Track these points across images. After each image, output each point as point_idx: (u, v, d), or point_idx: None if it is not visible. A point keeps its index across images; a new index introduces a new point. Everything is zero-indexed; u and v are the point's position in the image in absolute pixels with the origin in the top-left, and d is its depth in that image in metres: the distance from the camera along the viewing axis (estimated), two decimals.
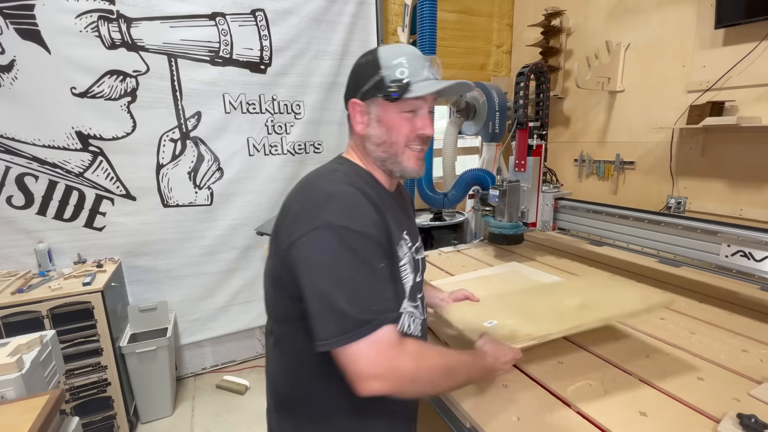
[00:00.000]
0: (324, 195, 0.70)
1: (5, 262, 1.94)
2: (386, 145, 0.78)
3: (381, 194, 0.80)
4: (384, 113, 0.77)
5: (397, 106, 0.76)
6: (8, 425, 0.91)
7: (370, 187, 0.78)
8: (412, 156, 0.79)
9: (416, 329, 0.85)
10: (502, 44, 3.19)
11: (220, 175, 2.30)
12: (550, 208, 1.82)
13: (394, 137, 0.77)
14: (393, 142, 0.78)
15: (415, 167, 0.80)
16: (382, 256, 0.70)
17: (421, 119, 0.78)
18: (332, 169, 0.79)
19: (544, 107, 1.87)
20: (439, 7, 2.31)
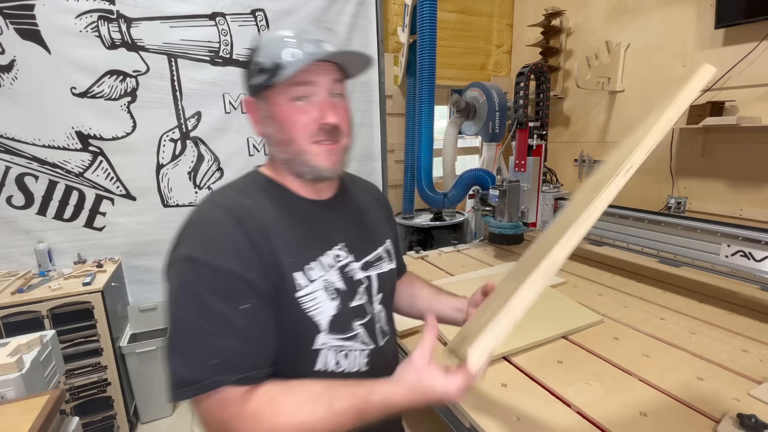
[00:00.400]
0: (191, 220, 0.62)
1: (5, 262, 1.94)
2: (284, 144, 0.66)
3: (292, 208, 0.68)
4: (272, 107, 0.65)
5: (282, 95, 0.63)
6: (8, 425, 0.91)
7: (271, 201, 0.66)
8: (320, 152, 0.65)
9: (355, 364, 0.69)
10: (502, 44, 3.19)
11: (220, 175, 2.30)
12: (550, 208, 1.82)
13: (289, 133, 0.64)
14: (290, 140, 0.65)
15: (326, 164, 0.66)
16: (245, 294, 0.57)
17: (318, 106, 0.64)
18: (229, 186, 0.69)
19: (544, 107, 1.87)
20: (439, 7, 2.31)
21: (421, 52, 2.34)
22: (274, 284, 0.61)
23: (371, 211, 0.82)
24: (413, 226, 2.55)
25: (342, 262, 0.70)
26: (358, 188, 0.84)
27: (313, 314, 0.64)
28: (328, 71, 0.65)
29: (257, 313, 0.59)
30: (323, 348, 0.67)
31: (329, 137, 0.65)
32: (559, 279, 1.51)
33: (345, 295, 0.69)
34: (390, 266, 0.80)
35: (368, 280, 0.74)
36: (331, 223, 0.72)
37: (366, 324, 0.72)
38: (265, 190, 0.68)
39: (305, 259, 0.65)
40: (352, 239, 0.73)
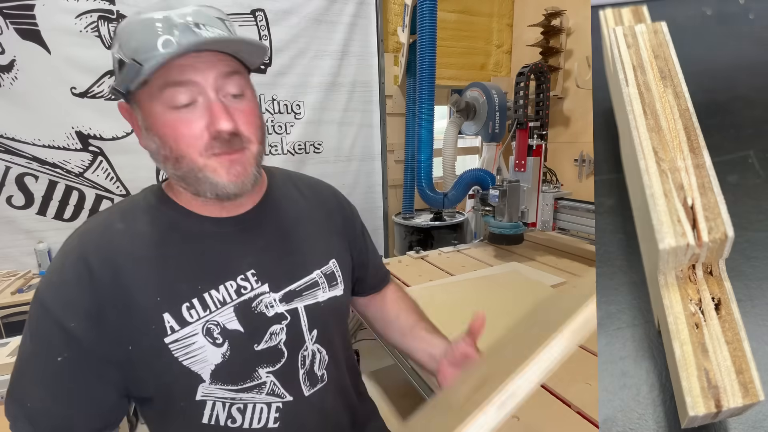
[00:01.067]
0: (65, 241, 0.56)
1: (5, 262, 1.94)
2: (171, 160, 0.51)
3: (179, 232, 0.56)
4: (148, 115, 0.51)
5: (157, 100, 0.49)
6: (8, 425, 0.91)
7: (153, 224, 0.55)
8: (219, 165, 0.51)
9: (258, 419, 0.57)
10: (502, 44, 3.19)
11: None
12: (550, 208, 1.82)
13: (175, 148, 0.50)
14: (179, 156, 0.50)
15: (230, 179, 0.52)
16: (60, 345, 0.49)
17: (205, 110, 0.49)
18: (119, 203, 0.61)
19: (544, 107, 1.87)
20: (439, 7, 2.31)
21: (421, 52, 2.34)
22: (119, 333, 0.50)
23: (311, 223, 0.66)
24: (413, 226, 2.55)
25: (247, 295, 0.56)
26: (298, 193, 0.69)
27: (188, 363, 0.52)
28: (213, 65, 0.49)
29: (73, 370, 0.50)
30: (208, 399, 0.55)
31: (228, 147, 0.51)
32: (559, 279, 1.51)
33: (242, 338, 0.55)
34: (329, 294, 0.64)
35: (293, 314, 0.60)
36: (237, 245, 0.58)
37: (279, 371, 0.58)
38: (152, 210, 0.57)
39: (183, 296, 0.53)
40: (268, 264, 0.59)
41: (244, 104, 0.53)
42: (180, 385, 0.54)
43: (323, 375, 0.64)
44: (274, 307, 0.58)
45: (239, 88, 0.52)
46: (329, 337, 0.65)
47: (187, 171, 0.52)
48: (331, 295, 0.65)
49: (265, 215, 0.62)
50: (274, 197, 0.65)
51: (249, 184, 0.54)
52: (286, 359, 0.59)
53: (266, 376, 0.58)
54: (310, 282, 0.63)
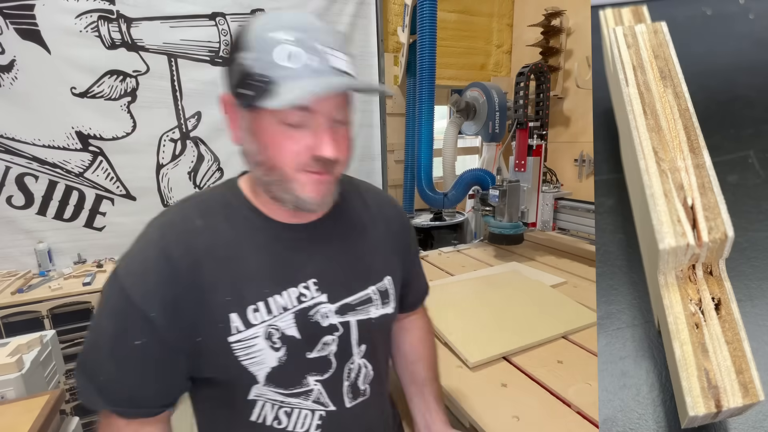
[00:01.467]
0: (142, 231, 0.58)
1: (5, 262, 1.94)
2: (266, 167, 0.53)
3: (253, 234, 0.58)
4: (256, 122, 0.51)
5: (271, 115, 0.49)
6: (8, 425, 0.91)
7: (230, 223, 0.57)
8: (308, 182, 0.52)
9: (302, 424, 0.59)
10: (502, 44, 3.19)
11: (220, 175, 2.30)
12: (550, 208, 1.82)
13: (273, 159, 0.51)
14: (274, 166, 0.52)
15: (313, 197, 0.53)
16: (140, 330, 0.52)
17: (314, 134, 0.51)
18: (194, 197, 0.61)
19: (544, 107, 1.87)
20: (439, 7, 2.31)
21: (421, 52, 2.34)
22: (192, 324, 0.53)
23: (372, 238, 0.67)
24: (413, 226, 2.55)
25: (306, 304, 0.57)
26: (363, 205, 0.69)
27: (246, 364, 0.54)
28: (333, 97, 0.51)
29: (148, 354, 0.53)
30: (259, 400, 0.57)
31: (323, 169, 0.52)
32: (559, 279, 1.51)
33: (298, 344, 0.57)
34: (381, 311, 0.65)
35: (345, 327, 0.61)
36: (304, 252, 0.59)
37: (327, 380, 0.60)
38: (229, 208, 0.58)
39: (249, 299, 0.54)
40: (330, 275, 0.60)
41: (344, 131, 0.55)
42: (235, 383, 0.56)
43: (366, 389, 0.64)
44: (329, 318, 0.59)
45: (345, 116, 0.54)
46: (376, 353, 0.66)
47: (276, 179, 0.53)
48: (383, 312, 0.65)
49: (332, 225, 0.63)
50: (341, 208, 0.64)
51: (330, 202, 0.57)
52: (334, 370, 0.60)
53: (314, 384, 0.59)
54: (365, 297, 0.63)
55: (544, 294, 1.36)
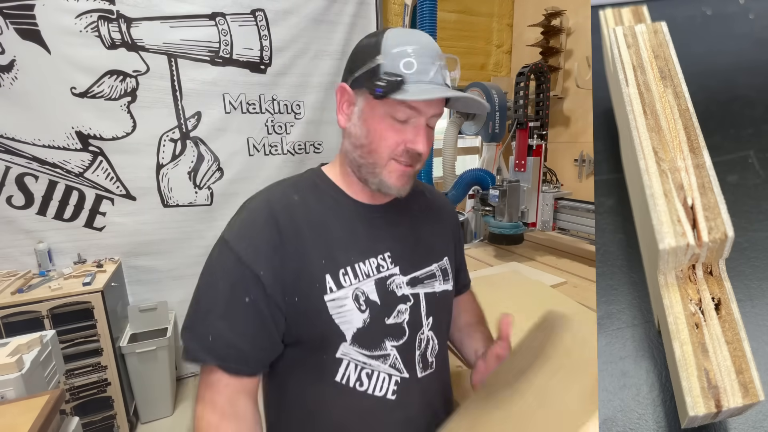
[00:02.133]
0: (242, 207, 0.66)
1: (5, 262, 1.94)
2: (364, 150, 0.63)
3: (339, 209, 0.66)
4: (369, 110, 0.62)
5: (385, 107, 0.60)
6: (8, 425, 0.91)
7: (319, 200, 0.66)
8: (395, 170, 0.63)
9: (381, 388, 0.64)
10: (502, 44, 3.20)
11: (220, 175, 2.30)
12: (550, 208, 1.82)
13: (375, 143, 0.62)
14: (373, 150, 0.62)
15: (396, 184, 0.63)
16: (250, 288, 0.58)
17: (414, 130, 0.61)
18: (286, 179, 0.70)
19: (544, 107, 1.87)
20: (439, 7, 2.31)
21: None
22: (293, 284, 0.60)
23: (432, 224, 0.77)
24: None
25: (383, 273, 0.65)
26: (424, 197, 0.79)
27: (339, 322, 0.61)
28: (436, 104, 0.62)
29: (257, 310, 0.59)
30: (345, 358, 0.62)
31: (410, 161, 0.63)
32: (559, 279, 1.51)
33: (379, 309, 0.64)
34: (443, 287, 0.73)
35: (415, 298, 0.68)
36: (380, 229, 0.68)
37: (401, 347, 0.65)
38: (317, 189, 0.68)
39: (340, 263, 0.62)
40: (401, 250, 0.68)
41: (432, 133, 0.65)
42: (327, 340, 0.62)
43: (433, 362, 0.70)
44: (402, 288, 0.67)
45: (435, 122, 0.64)
46: (441, 326, 0.73)
47: (371, 162, 0.63)
48: (445, 288, 0.73)
49: (402, 209, 0.72)
50: (409, 196, 0.71)
51: (407, 190, 0.66)
52: (408, 337, 0.66)
53: (391, 348, 0.65)
54: (430, 273, 0.71)
55: (544, 294, 1.36)
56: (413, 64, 0.58)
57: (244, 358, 0.59)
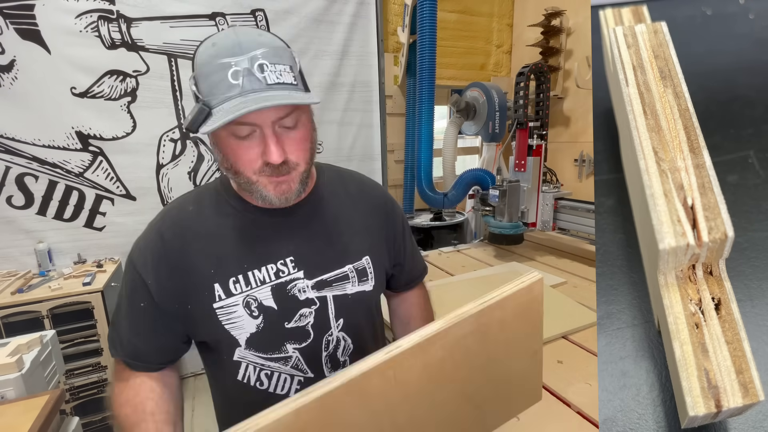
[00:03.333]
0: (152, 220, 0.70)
1: (5, 262, 1.94)
2: (232, 173, 0.60)
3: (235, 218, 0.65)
4: (214, 136, 0.58)
5: (223, 129, 0.55)
6: (8, 425, 0.91)
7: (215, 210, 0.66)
8: (268, 182, 0.59)
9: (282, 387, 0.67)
10: (502, 44, 3.19)
11: (220, 175, 2.29)
12: (550, 208, 1.82)
13: (234, 165, 0.58)
14: (237, 171, 0.59)
15: (276, 195, 0.60)
16: (142, 295, 0.63)
17: (261, 142, 0.56)
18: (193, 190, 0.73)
19: (544, 107, 1.87)
20: (439, 7, 2.31)
21: (421, 52, 2.34)
22: (181, 293, 0.63)
23: (350, 221, 0.72)
24: (413, 226, 2.55)
25: (284, 278, 0.65)
26: (344, 191, 0.74)
27: (229, 328, 0.63)
28: (273, 110, 0.55)
29: (148, 314, 0.64)
30: (243, 361, 0.66)
31: (277, 173, 0.58)
32: (559, 279, 1.51)
33: (275, 314, 0.64)
34: (358, 288, 0.70)
35: (321, 301, 0.67)
36: (283, 233, 0.66)
37: (304, 349, 0.66)
38: (218, 198, 0.67)
39: (230, 272, 0.63)
40: (306, 253, 0.67)
41: (295, 133, 0.59)
42: (222, 344, 0.65)
43: (345, 361, 0.71)
44: (306, 292, 0.66)
45: (293, 121, 0.58)
46: (355, 328, 0.72)
47: (243, 182, 0.60)
48: (359, 290, 0.70)
49: (309, 209, 0.69)
50: (320, 194, 0.71)
51: (293, 197, 0.62)
52: (312, 340, 0.67)
53: (293, 351, 0.66)
54: (341, 275, 0.69)
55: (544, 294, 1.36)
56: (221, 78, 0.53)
57: (139, 356, 0.65)
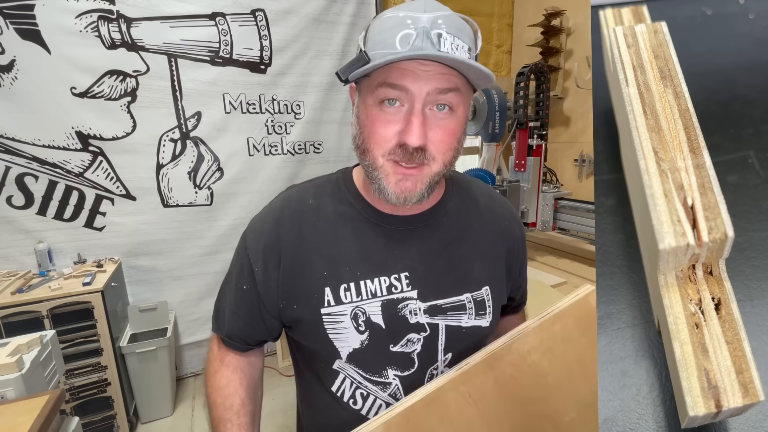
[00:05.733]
0: (275, 198, 0.67)
1: (5, 262, 1.94)
2: (360, 151, 0.55)
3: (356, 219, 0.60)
4: (362, 103, 0.53)
5: (371, 94, 0.51)
6: (8, 425, 0.91)
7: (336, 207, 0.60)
8: (392, 172, 0.52)
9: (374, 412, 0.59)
10: (502, 44, 3.19)
11: (220, 175, 2.30)
12: (550, 208, 1.82)
13: (366, 141, 0.53)
14: (366, 149, 0.53)
15: (394, 190, 0.52)
16: (247, 279, 0.61)
17: (404, 119, 0.50)
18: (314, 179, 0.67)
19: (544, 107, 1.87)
20: None
21: None
22: (290, 291, 0.59)
23: (475, 243, 0.63)
24: None
25: (395, 295, 0.57)
26: (474, 207, 0.66)
27: (333, 337, 0.57)
28: (432, 77, 0.48)
29: (248, 298, 0.62)
30: (341, 372, 0.60)
31: (408, 159, 0.51)
32: (559, 279, 1.51)
33: (381, 333, 0.57)
34: (474, 323, 0.61)
35: (433, 329, 0.58)
36: (401, 244, 0.59)
37: (407, 378, 0.58)
38: (338, 192, 0.62)
39: (343, 278, 0.57)
40: (422, 272, 0.59)
41: (447, 121, 0.52)
42: (322, 353, 0.60)
43: None
44: (417, 315, 0.58)
45: (451, 104, 0.51)
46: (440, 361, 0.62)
47: (367, 164, 0.54)
48: (476, 324, 0.61)
49: (433, 222, 0.62)
50: (447, 206, 0.64)
51: (413, 200, 0.54)
52: (416, 370, 0.59)
53: (393, 377, 0.59)
54: (458, 304, 0.60)
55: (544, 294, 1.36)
56: (390, 35, 0.48)
57: (232, 332, 0.66)
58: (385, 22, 0.50)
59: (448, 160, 0.54)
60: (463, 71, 0.51)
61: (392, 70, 0.48)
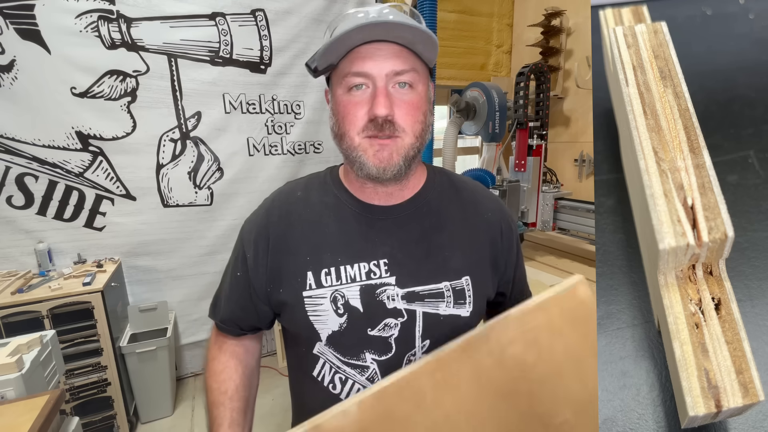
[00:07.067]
0: None
1: (5, 262, 1.94)
2: (339, 138, 0.60)
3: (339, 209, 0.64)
4: (333, 97, 0.61)
5: (340, 85, 0.58)
6: (8, 425, 0.91)
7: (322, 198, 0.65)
8: (368, 146, 0.57)
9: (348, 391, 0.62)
10: (502, 44, 3.19)
11: (220, 175, 2.30)
12: (550, 208, 1.82)
13: (340, 124, 0.58)
14: (343, 133, 0.58)
15: (374, 162, 0.57)
16: (240, 265, 0.66)
17: (371, 97, 0.55)
18: (304, 176, 0.73)
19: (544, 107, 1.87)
20: (439, 7, 2.31)
21: None
22: (276, 275, 0.64)
23: (456, 233, 0.65)
24: None
25: (374, 281, 0.60)
26: (456, 199, 0.68)
27: (313, 320, 0.60)
28: (387, 59, 0.55)
29: (241, 284, 0.67)
30: (321, 357, 0.62)
31: (380, 131, 0.56)
32: (559, 279, 1.51)
33: (359, 316, 0.60)
34: (452, 311, 0.62)
35: (410, 315, 0.60)
36: (381, 233, 0.62)
37: (384, 363, 0.60)
38: (324, 187, 0.67)
39: (325, 263, 0.61)
40: (401, 259, 0.61)
41: (410, 96, 0.57)
42: (304, 336, 0.63)
43: None
44: (395, 301, 0.61)
45: (411, 82, 0.57)
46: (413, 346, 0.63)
47: (346, 148, 0.59)
48: (454, 312, 0.62)
49: (414, 212, 0.64)
50: (427, 197, 0.66)
51: (391, 171, 0.58)
52: (393, 355, 0.61)
53: (371, 362, 0.61)
54: (436, 291, 0.62)
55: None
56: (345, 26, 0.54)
57: (225, 318, 0.70)
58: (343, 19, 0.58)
59: (418, 132, 0.59)
60: (411, 45, 0.57)
61: (354, 61, 0.56)
